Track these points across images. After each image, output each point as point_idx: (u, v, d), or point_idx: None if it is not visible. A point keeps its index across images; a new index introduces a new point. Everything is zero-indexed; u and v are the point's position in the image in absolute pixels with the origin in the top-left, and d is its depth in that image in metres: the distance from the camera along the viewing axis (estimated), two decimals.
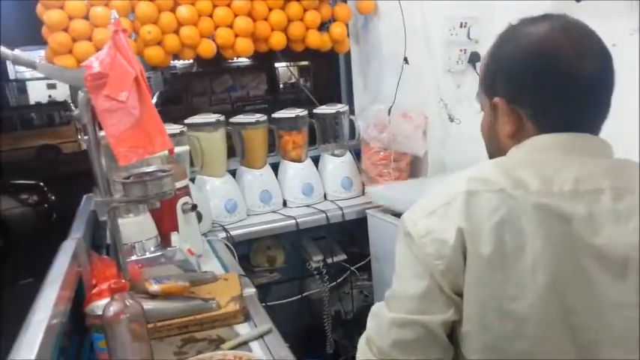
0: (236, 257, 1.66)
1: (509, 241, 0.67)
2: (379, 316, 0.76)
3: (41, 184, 5.83)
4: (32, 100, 12.05)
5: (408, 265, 0.74)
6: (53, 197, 5.71)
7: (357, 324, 2.02)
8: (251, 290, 1.32)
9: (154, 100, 1.09)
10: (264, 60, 7.19)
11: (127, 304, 0.89)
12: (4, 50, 1.02)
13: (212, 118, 1.88)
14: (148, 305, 1.06)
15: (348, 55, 2.31)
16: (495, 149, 0.81)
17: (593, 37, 0.73)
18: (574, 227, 0.67)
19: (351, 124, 2.14)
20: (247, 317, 1.18)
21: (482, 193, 0.70)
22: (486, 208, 0.69)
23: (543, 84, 0.73)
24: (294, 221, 1.87)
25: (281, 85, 10.29)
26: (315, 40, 2.08)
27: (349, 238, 2.07)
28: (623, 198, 0.68)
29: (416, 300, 0.72)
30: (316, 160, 2.10)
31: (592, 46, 0.73)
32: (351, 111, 2.22)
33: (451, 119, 2.00)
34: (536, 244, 0.66)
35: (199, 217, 1.60)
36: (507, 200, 0.68)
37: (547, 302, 0.66)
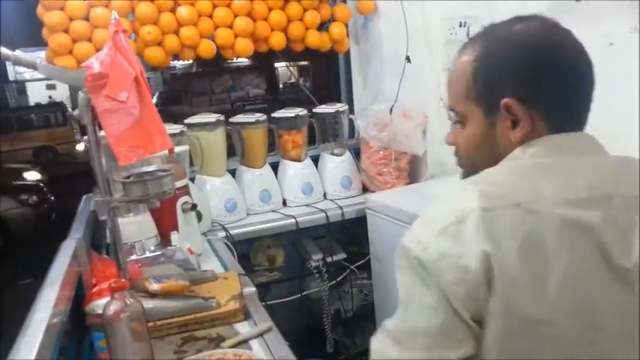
0: (236, 256, 1.66)
1: (535, 261, 0.62)
2: (386, 356, 0.68)
3: (41, 184, 5.84)
4: (32, 101, 12.06)
5: (417, 295, 0.66)
6: (52, 198, 5.71)
7: (356, 323, 2.03)
8: (251, 289, 1.32)
9: (154, 100, 1.09)
10: (263, 60, 7.19)
11: (127, 303, 0.90)
12: (5, 51, 1.02)
13: (212, 117, 1.88)
14: (148, 304, 1.06)
15: (347, 54, 2.31)
16: (489, 159, 0.74)
17: (572, 34, 0.73)
18: (596, 237, 0.63)
19: (351, 123, 2.14)
20: (247, 316, 1.18)
21: (498, 209, 0.64)
22: (506, 228, 0.63)
23: (558, 79, 0.70)
24: (293, 220, 1.87)
25: (281, 85, 10.30)
26: (315, 40, 2.09)
27: (349, 237, 2.07)
28: (634, 203, 0.66)
29: (431, 335, 0.64)
30: (316, 160, 2.10)
31: (577, 42, 0.73)
32: (351, 110, 2.22)
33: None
34: (562, 260, 0.62)
35: (199, 217, 1.60)
36: (526, 216, 0.63)
37: (577, 322, 0.63)
